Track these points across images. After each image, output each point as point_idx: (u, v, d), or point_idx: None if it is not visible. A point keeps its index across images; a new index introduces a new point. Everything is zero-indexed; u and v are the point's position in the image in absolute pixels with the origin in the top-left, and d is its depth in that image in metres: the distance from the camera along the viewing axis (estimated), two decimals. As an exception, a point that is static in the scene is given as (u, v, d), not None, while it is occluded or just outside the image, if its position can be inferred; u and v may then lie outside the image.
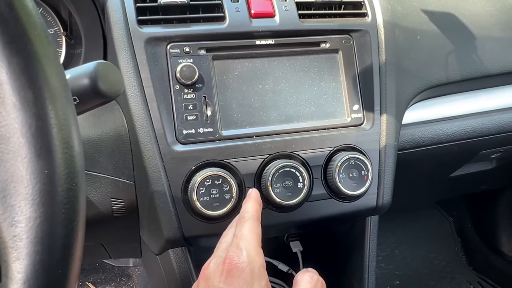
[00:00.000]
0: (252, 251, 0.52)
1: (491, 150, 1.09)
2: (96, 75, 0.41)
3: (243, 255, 0.51)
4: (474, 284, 1.58)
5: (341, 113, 0.77)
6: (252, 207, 0.59)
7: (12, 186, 0.28)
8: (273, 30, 0.74)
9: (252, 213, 0.58)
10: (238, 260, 0.50)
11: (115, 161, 0.70)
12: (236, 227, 0.56)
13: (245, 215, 0.57)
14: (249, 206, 0.59)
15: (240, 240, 0.53)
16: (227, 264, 0.50)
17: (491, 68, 0.94)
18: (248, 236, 0.53)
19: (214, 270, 0.51)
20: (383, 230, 1.55)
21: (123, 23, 0.68)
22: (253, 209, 0.58)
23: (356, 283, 0.87)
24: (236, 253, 0.51)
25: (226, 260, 0.50)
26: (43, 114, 0.29)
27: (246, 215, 0.57)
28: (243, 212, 0.58)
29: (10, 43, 0.28)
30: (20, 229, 0.28)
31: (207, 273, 0.52)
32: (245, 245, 0.52)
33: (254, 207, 0.59)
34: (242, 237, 0.53)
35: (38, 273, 0.29)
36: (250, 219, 0.56)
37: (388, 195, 0.80)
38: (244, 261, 0.50)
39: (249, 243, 0.53)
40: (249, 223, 0.56)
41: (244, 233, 0.54)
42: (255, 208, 0.59)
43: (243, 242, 0.52)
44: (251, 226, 0.55)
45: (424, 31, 0.89)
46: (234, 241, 0.53)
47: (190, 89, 0.70)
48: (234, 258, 0.50)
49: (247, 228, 0.55)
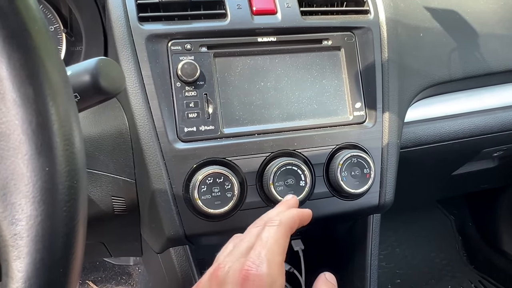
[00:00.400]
0: (275, 268, 0.45)
1: (494, 149, 1.09)
2: (97, 72, 0.41)
3: (263, 271, 0.44)
4: (475, 283, 1.58)
5: (343, 111, 0.77)
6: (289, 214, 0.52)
7: (12, 183, 0.28)
8: (275, 27, 0.74)
9: (286, 220, 0.50)
10: (256, 277, 0.44)
11: (116, 159, 0.70)
12: (263, 232, 0.49)
13: (277, 219, 0.50)
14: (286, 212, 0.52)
15: (263, 248, 0.46)
16: (243, 276, 0.44)
17: (494, 65, 0.94)
18: (273, 247, 0.47)
19: (229, 276, 0.45)
20: (384, 228, 1.55)
21: (124, 20, 0.68)
22: (289, 216, 0.51)
23: (358, 282, 0.87)
24: (256, 266, 0.44)
25: (244, 269, 0.44)
26: (44, 110, 0.28)
27: (280, 219, 0.50)
28: (274, 213, 0.53)
29: (10, 38, 0.27)
30: (21, 227, 0.28)
31: (221, 276, 0.46)
32: (268, 257, 0.45)
33: (291, 215, 0.52)
34: (266, 246, 0.46)
35: (39, 271, 0.28)
36: (281, 226, 0.49)
37: (391, 194, 0.79)
38: (263, 280, 0.44)
39: (273, 256, 0.46)
40: (279, 230, 0.48)
41: (270, 242, 0.47)
42: (291, 216, 0.52)
43: (267, 253, 0.46)
44: (280, 235, 0.48)
45: (427, 29, 0.89)
46: (257, 247, 0.47)
47: (192, 86, 0.69)
48: (253, 271, 0.44)
49: (275, 236, 0.48)
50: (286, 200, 0.61)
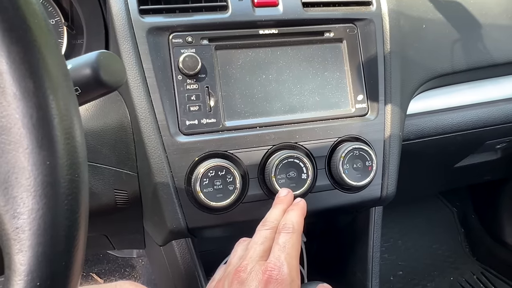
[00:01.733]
0: (294, 270, 0.51)
1: (497, 140, 1.08)
2: (98, 65, 0.41)
3: (285, 272, 0.50)
4: (478, 274, 1.58)
5: (345, 103, 0.77)
6: (298, 219, 0.57)
7: (14, 177, 0.28)
8: (276, 19, 0.73)
9: (298, 227, 0.56)
10: (279, 277, 0.49)
11: (118, 153, 0.70)
12: (280, 237, 0.54)
13: (290, 225, 0.56)
14: (295, 217, 0.57)
15: (283, 253, 0.52)
16: (266, 277, 0.49)
17: (497, 57, 0.93)
18: (291, 252, 0.52)
19: (251, 277, 0.50)
20: (387, 220, 1.55)
21: (124, 12, 0.67)
22: (298, 222, 0.57)
23: (360, 274, 0.87)
24: (277, 267, 0.50)
25: (266, 271, 0.50)
26: (44, 104, 0.28)
27: (293, 226, 0.55)
28: (288, 221, 0.57)
29: (10, 31, 0.27)
30: (23, 221, 0.28)
31: (243, 277, 0.51)
32: (288, 261, 0.51)
33: (300, 220, 0.58)
34: (285, 250, 0.52)
35: (41, 265, 0.28)
36: (296, 233, 0.55)
37: (393, 186, 0.79)
38: (285, 280, 0.49)
39: (292, 259, 0.52)
40: (294, 237, 0.54)
41: (288, 246, 0.53)
42: (300, 222, 0.57)
43: (286, 257, 0.51)
44: (295, 241, 0.54)
45: (430, 20, 0.88)
46: (276, 251, 0.52)
47: (193, 79, 0.69)
48: (275, 272, 0.50)
49: (291, 242, 0.53)
50: (283, 196, 0.63)
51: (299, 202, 0.62)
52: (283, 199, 0.63)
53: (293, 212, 0.59)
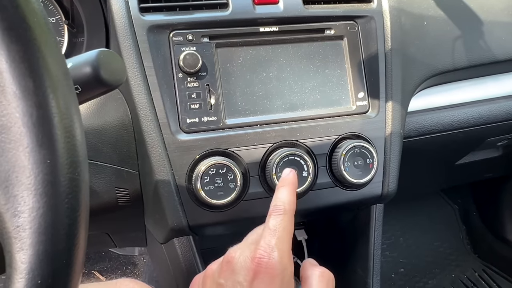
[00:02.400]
0: (285, 256, 0.48)
1: (498, 138, 1.08)
2: (98, 64, 0.41)
3: (276, 259, 0.46)
4: (479, 271, 1.58)
5: (346, 100, 0.77)
6: (288, 198, 0.53)
7: (14, 176, 0.28)
8: (277, 16, 0.73)
9: (290, 206, 0.52)
10: (269, 264, 0.46)
11: (119, 151, 0.70)
12: (270, 220, 0.50)
13: (281, 206, 0.51)
14: (285, 196, 0.53)
15: (273, 237, 0.48)
16: (256, 264, 0.46)
17: (498, 54, 0.93)
18: (282, 235, 0.49)
19: (241, 266, 0.47)
20: (388, 217, 1.55)
21: (125, 11, 0.67)
22: (289, 200, 0.52)
23: (361, 271, 0.87)
24: (268, 254, 0.47)
25: (255, 258, 0.47)
26: (44, 103, 0.28)
27: (283, 206, 0.51)
28: (278, 201, 0.52)
29: (9, 30, 0.27)
30: (23, 219, 0.28)
31: (233, 264, 0.48)
32: (279, 246, 0.48)
33: (291, 199, 0.53)
34: (275, 234, 0.48)
35: (42, 263, 0.28)
36: (288, 214, 0.51)
37: (394, 183, 0.79)
38: (276, 267, 0.46)
39: (283, 244, 0.48)
40: (286, 218, 0.50)
41: (278, 230, 0.49)
42: (292, 200, 0.53)
43: (277, 242, 0.48)
44: (286, 223, 0.50)
45: (431, 17, 0.88)
46: (267, 236, 0.49)
47: (194, 77, 0.69)
48: (264, 260, 0.46)
49: (282, 225, 0.49)
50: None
51: (288, 175, 0.57)
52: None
53: (283, 189, 0.54)
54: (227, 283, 0.48)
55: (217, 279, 0.50)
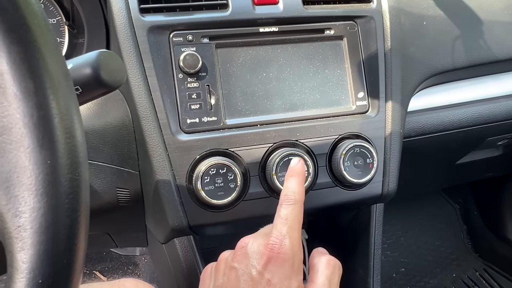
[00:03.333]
0: (296, 244, 0.51)
1: (498, 137, 1.08)
2: (98, 65, 0.41)
3: (287, 246, 0.49)
4: (480, 271, 1.58)
5: (346, 100, 0.77)
6: (298, 188, 0.55)
7: (15, 176, 0.28)
8: (276, 17, 0.73)
9: (300, 196, 0.54)
10: (281, 250, 0.49)
11: (120, 151, 0.70)
12: (281, 209, 0.53)
13: (291, 196, 0.54)
14: (295, 186, 0.55)
15: (284, 226, 0.51)
16: (269, 250, 0.49)
17: (498, 53, 0.93)
18: (293, 224, 0.51)
19: (254, 251, 0.50)
20: (389, 217, 1.55)
21: (125, 11, 0.68)
22: (299, 190, 0.55)
23: (362, 271, 0.87)
24: (280, 241, 0.50)
25: (268, 245, 0.50)
26: (45, 104, 0.28)
27: (293, 196, 0.54)
28: (289, 191, 0.54)
29: (10, 32, 0.27)
30: (24, 219, 0.28)
31: (246, 251, 0.51)
32: (290, 234, 0.50)
33: (301, 188, 0.55)
34: (287, 223, 0.51)
35: (43, 263, 0.29)
36: (298, 203, 0.53)
37: (394, 183, 0.79)
38: (287, 253, 0.49)
39: (294, 232, 0.51)
40: (296, 208, 0.53)
41: (290, 219, 0.52)
42: (302, 190, 0.55)
43: (288, 230, 0.51)
44: (297, 212, 0.53)
45: (430, 17, 0.88)
46: (278, 224, 0.51)
47: (194, 78, 0.69)
48: (277, 246, 0.49)
49: (293, 214, 0.52)
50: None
51: (297, 165, 0.58)
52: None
53: (292, 179, 0.56)
54: (240, 266, 0.51)
55: (230, 263, 0.52)
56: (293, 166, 0.59)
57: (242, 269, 0.50)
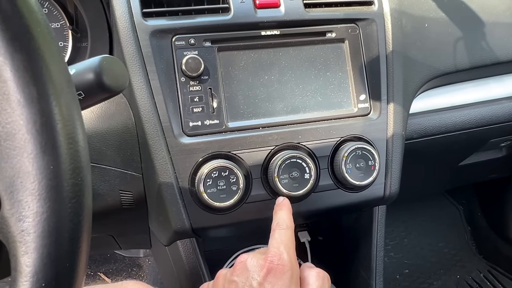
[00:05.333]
0: (293, 258, 0.55)
1: (501, 139, 1.08)
2: (100, 70, 0.42)
3: (285, 259, 0.53)
4: (484, 272, 1.57)
5: (347, 103, 0.77)
6: (288, 217, 0.61)
7: (19, 181, 0.29)
8: (278, 20, 0.74)
9: (290, 223, 0.60)
10: (280, 262, 0.53)
11: (123, 154, 0.71)
12: (275, 233, 0.58)
13: (283, 222, 0.60)
14: (285, 215, 0.61)
15: (280, 244, 0.56)
16: (268, 262, 0.53)
17: (500, 55, 0.93)
18: (288, 243, 0.56)
19: (253, 264, 0.53)
20: (393, 219, 1.55)
21: (127, 15, 0.68)
22: (289, 219, 0.61)
23: (364, 273, 0.87)
24: (278, 255, 0.54)
25: (267, 258, 0.53)
26: (48, 110, 0.29)
27: (285, 223, 0.60)
28: (280, 219, 0.60)
29: (14, 40, 0.28)
30: (28, 223, 0.29)
31: (245, 265, 0.54)
32: (287, 250, 0.55)
33: (290, 217, 0.61)
34: (282, 242, 0.56)
35: (46, 266, 0.29)
36: (289, 229, 0.59)
37: (396, 185, 0.79)
38: (286, 265, 0.53)
39: (290, 250, 0.56)
40: (289, 231, 0.58)
41: (284, 240, 0.56)
42: (291, 219, 0.62)
43: (285, 247, 0.55)
44: (290, 235, 0.58)
45: (432, 19, 0.88)
46: (274, 244, 0.56)
47: (196, 81, 0.70)
48: (276, 260, 0.53)
49: (286, 236, 0.57)
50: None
51: (283, 201, 0.65)
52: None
53: (281, 211, 0.62)
54: (240, 279, 0.53)
55: (230, 277, 0.55)
56: (279, 202, 0.65)
57: (243, 281, 0.53)
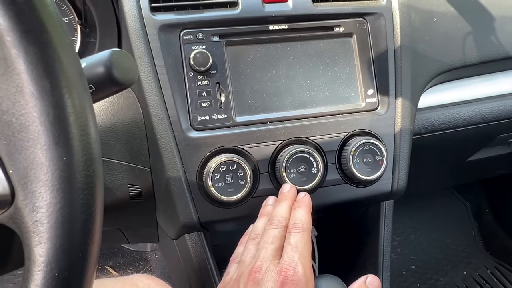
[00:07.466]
0: (308, 270, 0.52)
1: (509, 134, 1.07)
2: (111, 63, 0.42)
3: (300, 273, 0.50)
4: (491, 269, 1.57)
5: (355, 97, 0.77)
6: (306, 217, 0.58)
7: (32, 173, 0.29)
8: (286, 14, 0.74)
9: (308, 225, 0.57)
10: (294, 277, 0.50)
11: (131, 148, 0.71)
12: (291, 237, 0.55)
13: (299, 224, 0.56)
14: (303, 215, 0.58)
15: (295, 253, 0.52)
16: (283, 277, 0.50)
17: (510, 49, 0.92)
18: (304, 251, 0.53)
19: (267, 278, 0.51)
20: (399, 214, 1.55)
21: (136, 10, 0.69)
22: (307, 220, 0.57)
23: (371, 268, 0.87)
24: (292, 268, 0.51)
25: (282, 272, 0.50)
26: (61, 102, 0.29)
27: (302, 225, 0.56)
28: (297, 220, 0.57)
29: (27, 33, 0.28)
30: (41, 214, 0.29)
31: (259, 278, 0.51)
32: (302, 261, 0.52)
33: (308, 218, 0.58)
34: (298, 250, 0.53)
35: (59, 256, 0.30)
36: (306, 232, 0.56)
37: (403, 180, 0.79)
38: (300, 280, 0.50)
39: (305, 259, 0.53)
40: (305, 236, 0.55)
41: (300, 246, 0.53)
42: (309, 220, 0.58)
43: (299, 257, 0.52)
44: (306, 240, 0.55)
45: (441, 13, 0.87)
46: (289, 252, 0.53)
47: (204, 75, 0.70)
48: (290, 273, 0.50)
49: (302, 241, 0.54)
50: (287, 192, 0.63)
51: (304, 197, 0.62)
52: (287, 195, 0.64)
53: (300, 209, 0.59)
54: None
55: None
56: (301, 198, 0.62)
57: None
